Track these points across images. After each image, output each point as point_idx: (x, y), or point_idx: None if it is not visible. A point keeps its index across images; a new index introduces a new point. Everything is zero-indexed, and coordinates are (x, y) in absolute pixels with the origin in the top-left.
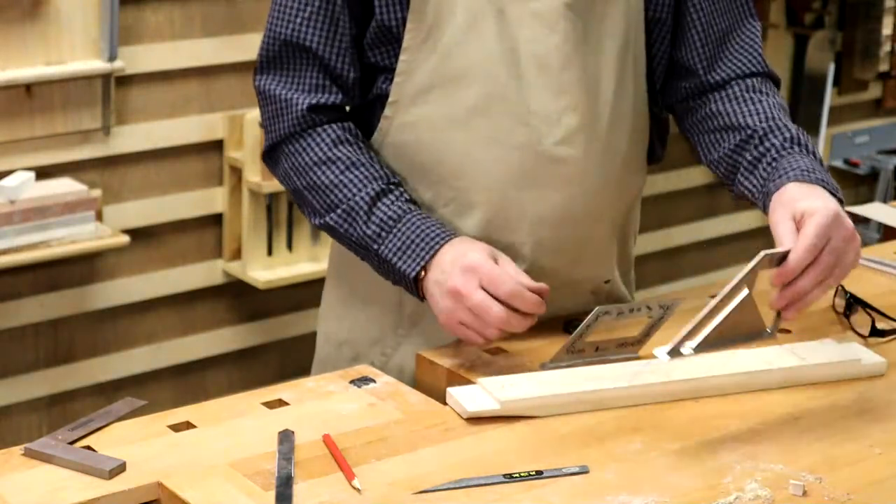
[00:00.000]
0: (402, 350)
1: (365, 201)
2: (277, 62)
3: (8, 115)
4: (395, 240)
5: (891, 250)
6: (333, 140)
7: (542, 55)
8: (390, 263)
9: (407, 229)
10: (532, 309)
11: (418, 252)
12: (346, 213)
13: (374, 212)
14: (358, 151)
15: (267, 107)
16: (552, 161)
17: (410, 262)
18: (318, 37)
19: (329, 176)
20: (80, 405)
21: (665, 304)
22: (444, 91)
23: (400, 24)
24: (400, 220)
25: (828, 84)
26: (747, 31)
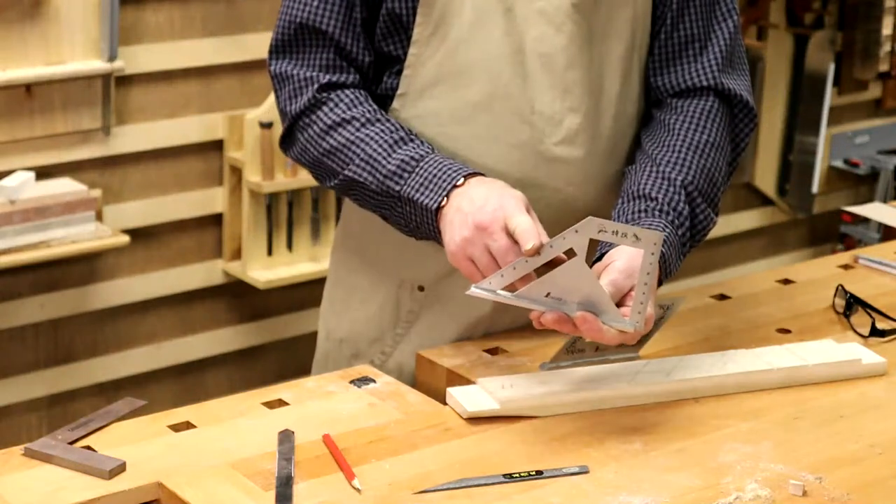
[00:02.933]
0: (400, 349)
1: (384, 148)
2: (292, 45)
3: (8, 115)
4: (417, 177)
5: (891, 250)
6: (348, 103)
7: (548, 54)
8: (412, 201)
9: (429, 166)
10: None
11: (440, 184)
12: (364, 162)
13: (393, 156)
14: (374, 111)
15: (283, 89)
16: (553, 161)
17: (432, 195)
18: (334, 20)
19: (345, 135)
20: (80, 405)
21: (665, 303)
22: (450, 86)
23: (410, 13)
24: (422, 159)
25: (828, 84)
26: (716, 39)
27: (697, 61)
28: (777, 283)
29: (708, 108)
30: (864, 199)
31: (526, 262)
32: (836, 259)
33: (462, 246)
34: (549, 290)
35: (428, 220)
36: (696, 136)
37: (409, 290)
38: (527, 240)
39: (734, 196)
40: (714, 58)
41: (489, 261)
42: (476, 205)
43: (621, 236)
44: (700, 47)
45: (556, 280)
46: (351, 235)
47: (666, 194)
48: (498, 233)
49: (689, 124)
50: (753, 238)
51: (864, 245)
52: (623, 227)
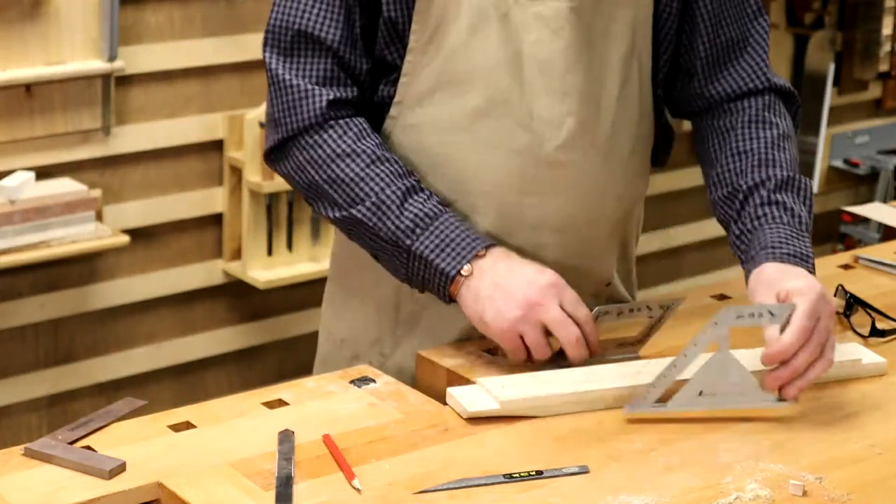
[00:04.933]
0: (400, 351)
1: (396, 196)
2: (290, 50)
3: (8, 115)
4: (431, 237)
5: (891, 250)
6: (357, 134)
7: (546, 60)
8: (426, 260)
9: (445, 227)
10: (594, 343)
11: (460, 251)
12: (375, 206)
13: (406, 207)
14: (381, 147)
15: (282, 97)
16: (553, 166)
17: (451, 261)
18: (334, 29)
19: (354, 169)
20: (80, 405)
21: (665, 304)
22: (448, 94)
23: (406, 20)
24: (437, 217)
25: (828, 84)
26: (754, 39)
27: (743, 62)
28: None
29: (769, 104)
30: (864, 199)
31: (674, 367)
32: (836, 259)
33: (514, 324)
34: (701, 389)
35: (439, 282)
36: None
37: (408, 291)
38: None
39: None
40: (759, 57)
41: (539, 336)
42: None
43: (758, 317)
44: (741, 49)
45: (705, 377)
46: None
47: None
48: (552, 306)
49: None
50: None
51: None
52: (757, 307)
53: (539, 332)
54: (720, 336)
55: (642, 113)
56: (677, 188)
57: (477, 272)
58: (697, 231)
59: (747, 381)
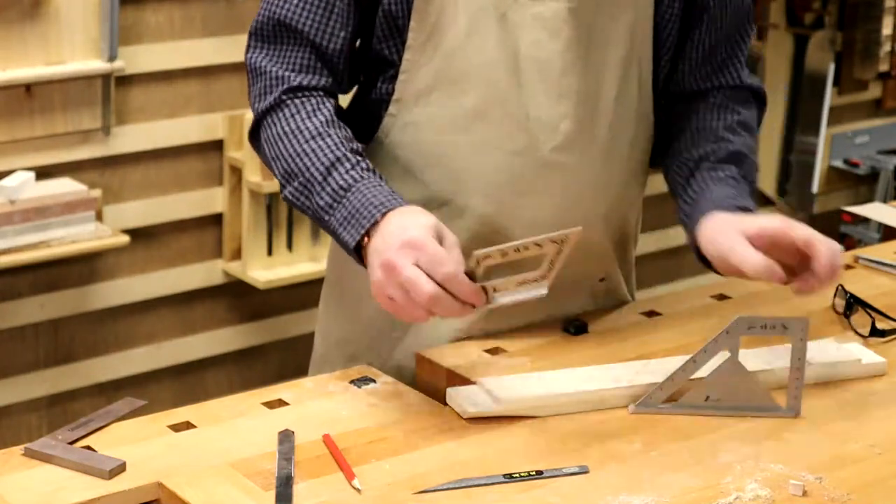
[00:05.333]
0: (398, 352)
1: (320, 171)
2: (270, 39)
3: (8, 115)
4: (343, 210)
5: (891, 250)
6: (308, 111)
7: (544, 61)
8: (338, 237)
9: (355, 198)
10: (468, 298)
11: (360, 221)
12: (303, 186)
13: (328, 182)
14: (326, 124)
15: (256, 83)
16: (549, 167)
17: (353, 232)
18: (311, 20)
19: (294, 145)
20: (80, 405)
21: (559, 237)
22: (445, 93)
23: (406, 16)
24: (350, 188)
25: (828, 84)
26: (738, 44)
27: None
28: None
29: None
30: (864, 199)
31: (682, 371)
32: None
33: (378, 289)
34: (708, 394)
35: (352, 255)
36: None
37: None
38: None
39: None
40: (739, 60)
41: (402, 295)
42: (386, 243)
43: (770, 328)
44: (726, 51)
45: (714, 383)
46: None
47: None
48: (406, 266)
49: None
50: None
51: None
52: (770, 319)
53: (403, 293)
54: (731, 345)
55: (641, 115)
56: None
57: (371, 239)
58: None
59: (755, 389)
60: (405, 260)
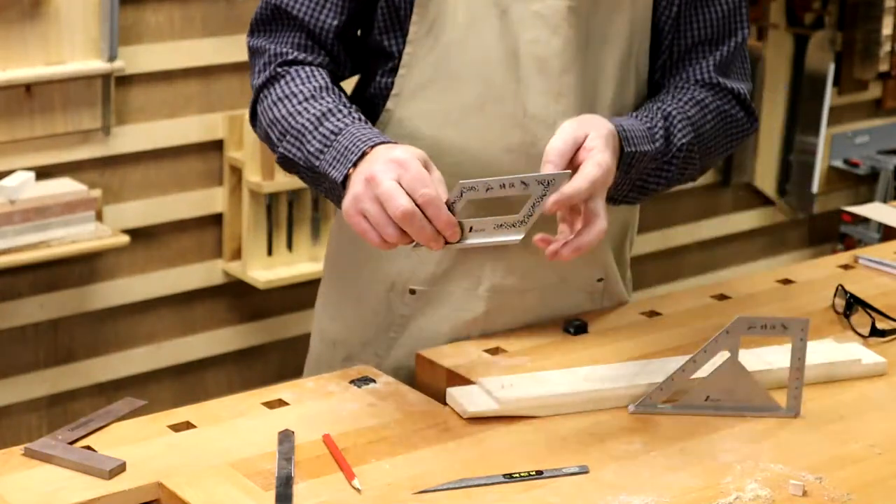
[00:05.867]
0: (394, 352)
1: (311, 122)
2: (267, 23)
3: (8, 115)
4: (333, 152)
5: (891, 250)
6: (302, 78)
7: (543, 58)
8: (326, 176)
9: (345, 139)
10: (443, 226)
11: (348, 157)
12: (294, 139)
13: (318, 129)
14: (321, 88)
15: (255, 63)
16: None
17: (341, 168)
18: (304, 6)
19: (287, 107)
20: (80, 405)
21: (545, 178)
22: (443, 87)
23: (408, 7)
24: (341, 132)
25: (828, 84)
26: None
27: (701, 62)
28: (777, 283)
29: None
30: (864, 199)
31: (682, 371)
32: (836, 259)
33: (353, 202)
34: (708, 395)
35: (339, 194)
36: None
37: (399, 293)
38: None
39: (734, 196)
40: (714, 61)
41: (377, 210)
42: (370, 161)
43: (770, 328)
44: (708, 51)
45: (713, 383)
46: (344, 237)
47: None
48: (385, 178)
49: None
50: (753, 238)
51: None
52: (770, 319)
53: (378, 207)
54: (731, 345)
55: None
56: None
57: (357, 169)
58: (697, 231)
59: (755, 389)
60: (387, 174)
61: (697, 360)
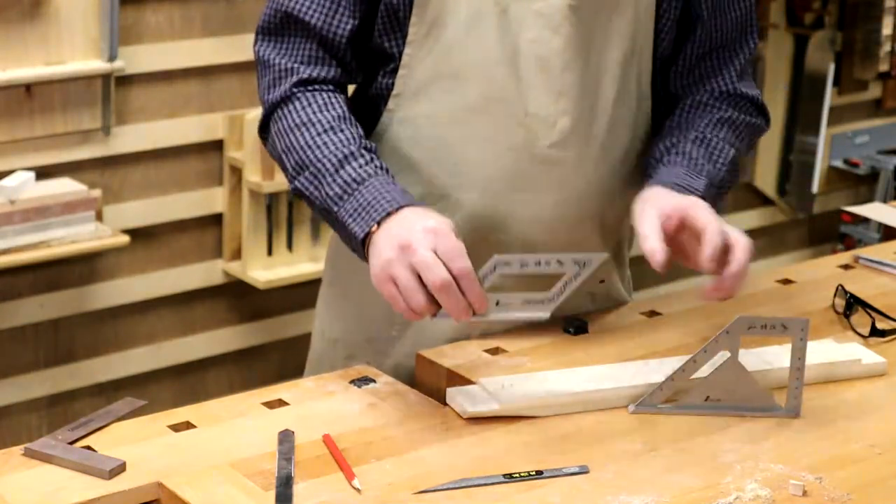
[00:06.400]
0: (395, 350)
1: (332, 163)
2: (277, 32)
3: (8, 115)
4: (353, 202)
5: (891, 250)
6: (320, 105)
7: (544, 57)
8: (345, 225)
9: (367, 192)
10: (475, 299)
11: (371, 213)
12: (313, 176)
13: (339, 174)
14: (339, 119)
15: (264, 77)
16: (546, 163)
17: (362, 223)
18: (319, 12)
19: (305, 137)
20: (80, 405)
21: (581, 259)
22: (444, 88)
23: (407, 8)
24: (364, 181)
25: (828, 84)
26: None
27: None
28: (777, 283)
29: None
30: (864, 199)
31: (682, 371)
32: (836, 259)
33: (384, 267)
34: (708, 394)
35: (355, 245)
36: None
37: None
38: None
39: (734, 196)
40: (736, 70)
41: (409, 278)
42: (405, 227)
43: (770, 328)
44: (726, 55)
45: (714, 383)
46: None
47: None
48: (423, 248)
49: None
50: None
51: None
52: (770, 319)
53: (410, 275)
54: (731, 345)
55: (640, 115)
56: None
57: (381, 228)
58: None
59: (755, 389)
60: (425, 243)
61: (697, 359)
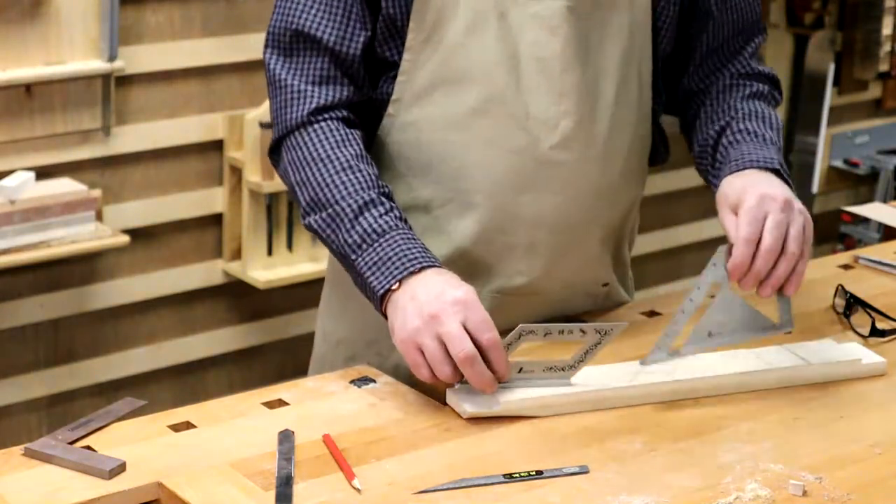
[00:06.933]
0: (396, 351)
1: (352, 209)
2: (287, 51)
3: (8, 115)
4: (373, 254)
5: (891, 250)
6: (337, 140)
7: (543, 59)
8: (363, 276)
9: (389, 245)
10: (501, 369)
11: (392, 270)
12: (330, 218)
13: (359, 221)
14: (357, 157)
15: (276, 96)
16: (549, 165)
17: (382, 278)
18: (331, 28)
19: (323, 174)
20: (80, 405)
21: (603, 328)
22: (445, 92)
23: (405, 17)
24: (384, 234)
25: (828, 84)
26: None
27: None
28: None
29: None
30: (864, 199)
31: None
32: (836, 259)
33: (411, 336)
34: (710, 330)
35: (372, 297)
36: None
37: None
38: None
39: None
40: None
41: (435, 347)
42: (431, 293)
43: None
44: (742, 42)
45: (712, 318)
46: None
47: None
48: (452, 320)
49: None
50: None
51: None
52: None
53: (437, 345)
54: (720, 276)
55: (640, 115)
56: (677, 188)
57: (403, 287)
58: (697, 231)
59: (752, 316)
60: (454, 315)
61: (693, 298)
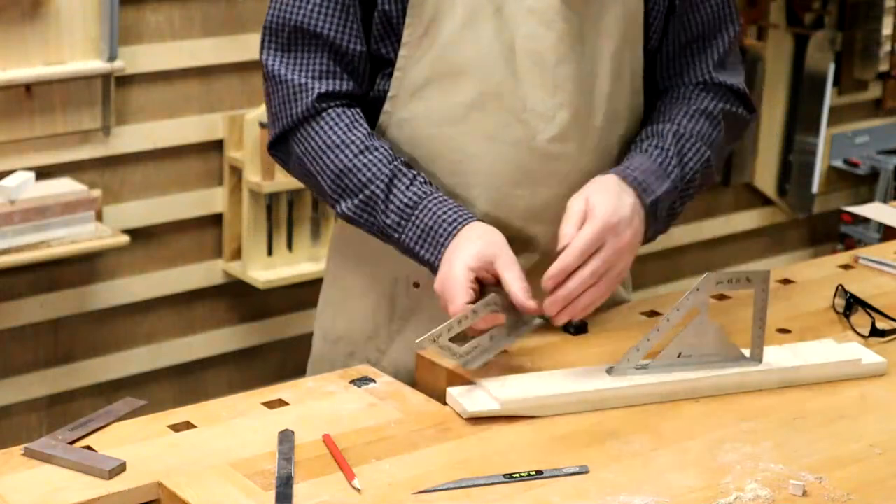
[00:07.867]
0: (396, 345)
1: (381, 189)
2: (285, 46)
3: (8, 115)
4: (414, 227)
5: (891, 250)
6: (347, 124)
7: (538, 52)
8: (413, 252)
9: (424, 216)
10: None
11: (437, 239)
12: (364, 204)
13: (391, 199)
14: (370, 136)
15: (276, 92)
16: (546, 157)
17: (432, 250)
18: (330, 22)
19: (343, 159)
20: (80, 405)
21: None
22: (442, 87)
23: (400, 14)
24: (417, 206)
25: (828, 84)
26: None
27: (700, 63)
28: (777, 283)
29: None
30: (864, 199)
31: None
32: (836, 259)
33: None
34: (680, 351)
35: (430, 269)
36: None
37: (404, 286)
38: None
39: (734, 196)
40: (712, 60)
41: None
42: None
43: (736, 282)
44: (702, 46)
45: (685, 339)
46: (346, 234)
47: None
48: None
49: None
50: (753, 238)
51: (864, 245)
52: (735, 273)
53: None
54: (701, 302)
55: (634, 107)
56: None
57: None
58: (697, 231)
59: (724, 345)
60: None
61: (671, 318)
